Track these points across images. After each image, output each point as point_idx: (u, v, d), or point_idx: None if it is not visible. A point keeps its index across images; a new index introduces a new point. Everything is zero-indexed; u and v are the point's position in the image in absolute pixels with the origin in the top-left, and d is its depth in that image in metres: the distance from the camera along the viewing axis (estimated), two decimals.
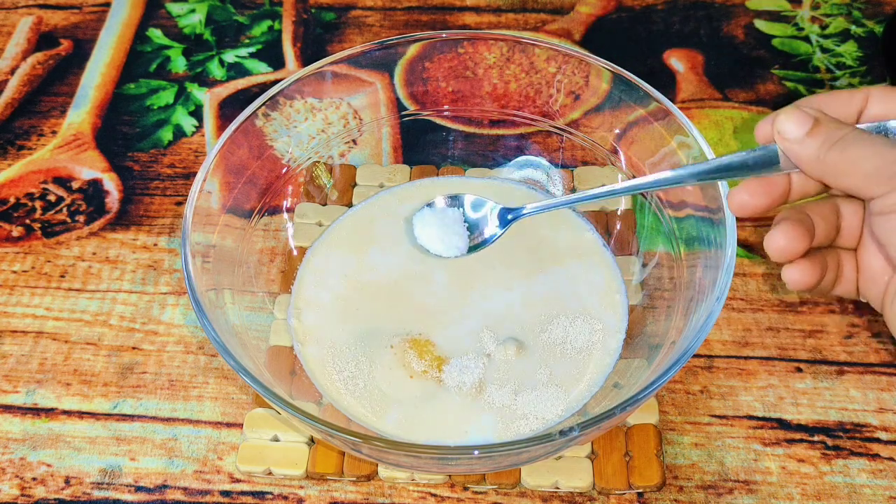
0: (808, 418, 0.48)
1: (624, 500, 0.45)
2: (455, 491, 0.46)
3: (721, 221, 0.44)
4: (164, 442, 0.48)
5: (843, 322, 0.52)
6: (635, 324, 0.49)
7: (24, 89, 0.67)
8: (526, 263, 0.52)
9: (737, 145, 0.61)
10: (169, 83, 0.67)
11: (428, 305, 0.50)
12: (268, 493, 0.46)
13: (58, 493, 0.47)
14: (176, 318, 0.53)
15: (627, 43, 0.69)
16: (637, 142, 0.52)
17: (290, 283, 0.52)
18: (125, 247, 0.57)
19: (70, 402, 0.50)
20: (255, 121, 0.50)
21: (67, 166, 0.62)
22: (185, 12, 0.73)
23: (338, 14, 0.72)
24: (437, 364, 0.47)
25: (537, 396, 0.46)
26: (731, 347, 0.51)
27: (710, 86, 0.65)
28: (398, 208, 0.55)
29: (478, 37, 0.56)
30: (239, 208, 0.50)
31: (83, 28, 0.72)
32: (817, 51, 0.67)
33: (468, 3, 0.72)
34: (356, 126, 0.56)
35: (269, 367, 0.47)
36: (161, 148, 0.63)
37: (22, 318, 0.54)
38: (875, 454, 0.47)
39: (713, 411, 0.49)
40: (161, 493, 0.46)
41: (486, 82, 0.56)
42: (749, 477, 0.46)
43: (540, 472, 0.45)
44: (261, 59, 0.69)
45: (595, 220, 0.54)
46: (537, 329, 0.49)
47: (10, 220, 0.59)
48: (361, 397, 0.47)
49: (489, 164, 0.57)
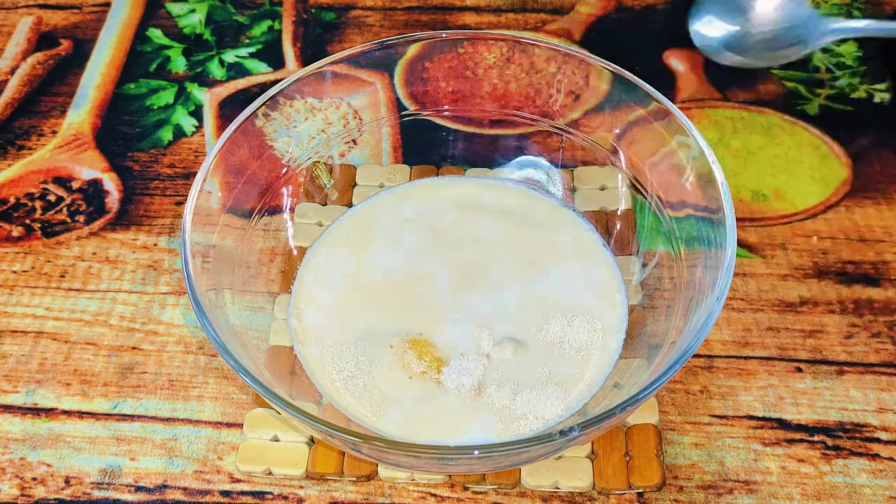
0: (808, 418, 0.48)
1: (624, 500, 0.45)
2: (455, 491, 0.46)
3: (721, 221, 0.44)
4: (164, 442, 0.48)
5: (843, 322, 0.52)
6: (635, 324, 0.49)
7: (24, 89, 0.67)
8: (526, 264, 0.52)
9: (737, 145, 0.61)
10: (169, 83, 0.67)
11: (428, 306, 0.50)
12: (268, 493, 0.46)
13: (58, 493, 0.47)
14: (176, 318, 0.53)
15: (627, 43, 0.69)
16: (637, 142, 0.52)
17: (290, 283, 0.52)
18: (125, 247, 0.57)
19: (70, 402, 0.50)
20: (255, 121, 0.50)
21: (67, 166, 0.62)
22: (185, 12, 0.73)
23: (338, 14, 0.72)
24: (436, 365, 0.47)
25: (537, 396, 0.46)
26: (731, 347, 0.51)
27: (710, 86, 0.65)
28: (398, 208, 0.55)
29: (478, 37, 0.56)
30: (239, 208, 0.50)
31: (83, 28, 0.72)
32: (817, 51, 0.67)
33: (468, 3, 0.72)
34: (356, 126, 0.57)
35: (269, 367, 0.47)
36: (161, 148, 0.63)
37: (22, 318, 0.54)
38: (875, 454, 0.47)
39: (713, 411, 0.49)
40: (161, 493, 0.46)
41: (486, 82, 0.56)
42: (749, 477, 0.46)
43: (540, 472, 0.45)
44: (261, 59, 0.69)
45: (595, 219, 0.54)
46: (536, 329, 0.49)
47: (10, 220, 0.59)
48: (361, 397, 0.47)
49: (489, 164, 0.57)
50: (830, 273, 0.54)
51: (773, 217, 0.57)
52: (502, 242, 0.53)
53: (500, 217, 0.54)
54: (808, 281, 0.54)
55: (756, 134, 0.62)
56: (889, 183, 0.59)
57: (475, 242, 0.53)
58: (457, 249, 0.52)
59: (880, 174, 0.59)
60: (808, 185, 0.59)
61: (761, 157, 0.60)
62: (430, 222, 0.54)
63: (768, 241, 0.56)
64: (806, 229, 0.56)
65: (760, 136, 0.62)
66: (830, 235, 0.56)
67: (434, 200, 0.55)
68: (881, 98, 0.64)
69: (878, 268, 0.54)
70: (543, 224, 0.53)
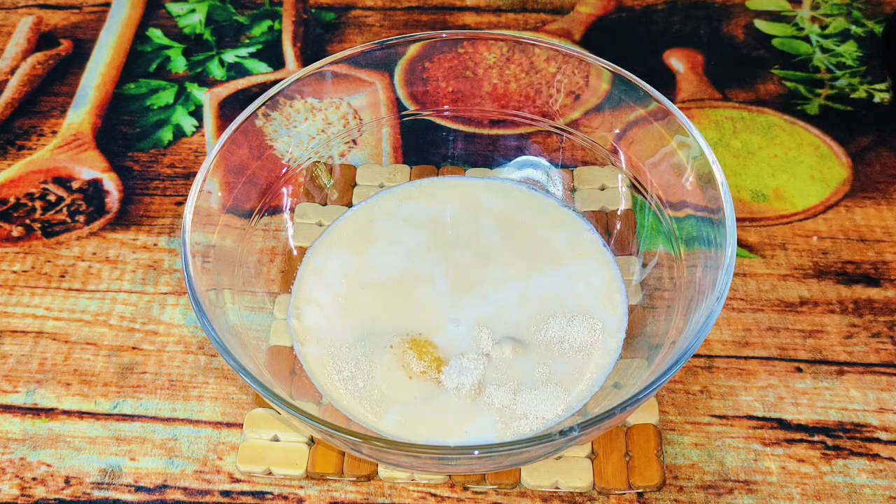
0: (808, 418, 0.48)
1: (624, 500, 0.45)
2: (455, 491, 0.46)
3: (721, 221, 0.44)
4: (164, 442, 0.48)
5: (843, 322, 0.52)
6: (635, 324, 0.49)
7: (24, 89, 0.67)
8: (526, 264, 0.52)
9: (737, 145, 0.61)
10: (169, 83, 0.67)
11: (428, 305, 0.50)
12: (268, 493, 0.46)
13: (58, 493, 0.47)
14: (176, 318, 0.53)
15: (627, 43, 0.69)
16: (637, 142, 0.52)
17: (290, 283, 0.52)
18: (125, 247, 0.57)
19: (70, 402, 0.50)
20: (255, 121, 0.50)
21: (67, 166, 0.62)
22: (185, 12, 0.73)
23: (338, 14, 0.72)
24: (436, 365, 0.47)
25: (537, 396, 0.46)
26: (731, 347, 0.51)
27: (710, 86, 0.65)
28: (398, 208, 0.55)
29: (478, 37, 0.56)
30: (239, 208, 0.50)
31: (83, 28, 0.72)
32: (817, 51, 0.67)
33: (468, 3, 0.72)
34: (356, 126, 0.57)
35: (269, 367, 0.47)
36: (161, 148, 0.63)
37: (22, 318, 0.54)
38: (875, 454, 0.47)
39: (713, 411, 0.49)
40: (161, 493, 0.46)
41: (486, 82, 0.56)
42: (749, 477, 0.46)
43: (540, 472, 0.45)
44: (261, 59, 0.69)
45: (595, 219, 0.54)
46: (535, 328, 0.49)
47: (10, 220, 0.59)
48: (361, 397, 0.47)
49: (489, 164, 0.57)
50: (830, 273, 0.54)
51: (773, 217, 0.57)
52: (502, 242, 0.53)
53: (500, 217, 0.54)
54: (808, 281, 0.54)
55: (756, 134, 0.62)
56: (889, 183, 0.59)
57: (475, 242, 0.53)
58: (457, 249, 0.52)
59: (880, 174, 0.59)
60: (808, 185, 0.59)
61: (761, 157, 0.60)
62: (430, 222, 0.54)
63: (768, 241, 0.56)
64: (806, 229, 0.56)
65: (760, 136, 0.62)
66: (830, 235, 0.56)
67: (434, 200, 0.55)
68: (881, 98, 0.64)
69: (878, 268, 0.54)
70: (543, 224, 0.54)
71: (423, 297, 0.50)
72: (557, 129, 0.55)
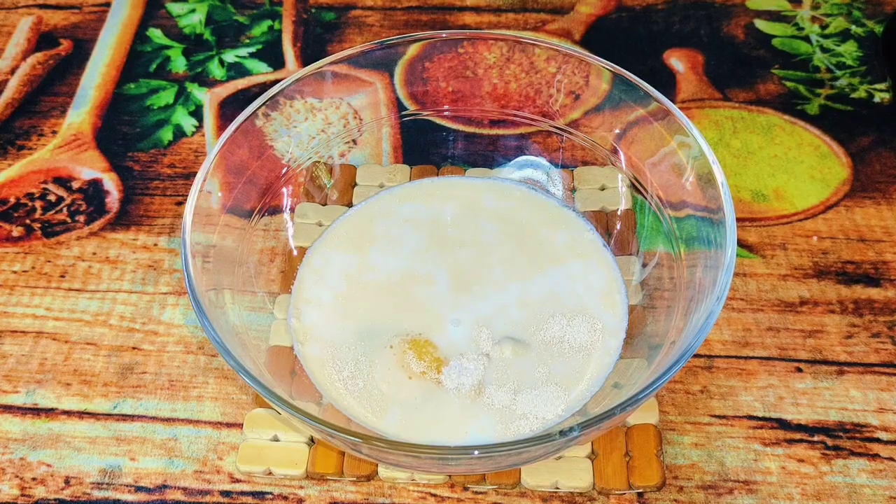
0: (808, 418, 0.48)
1: (624, 500, 0.45)
2: (455, 491, 0.46)
3: (721, 221, 0.44)
4: (164, 442, 0.48)
5: (843, 322, 0.52)
6: (635, 324, 0.49)
7: (24, 89, 0.67)
8: (526, 264, 0.52)
9: (737, 145, 0.61)
10: (169, 83, 0.67)
11: (428, 305, 0.50)
12: (268, 493, 0.46)
13: (58, 493, 0.47)
14: (176, 318, 0.53)
15: (627, 43, 0.69)
16: (637, 142, 0.52)
17: (290, 283, 0.52)
18: (125, 247, 0.57)
19: (70, 402, 0.50)
20: (255, 121, 0.50)
21: (67, 166, 0.62)
22: (185, 12, 0.73)
23: (338, 14, 0.72)
24: (436, 366, 0.47)
25: (537, 396, 0.46)
26: (731, 347, 0.51)
27: (710, 86, 0.65)
28: (398, 208, 0.55)
29: (478, 37, 0.56)
30: (239, 208, 0.50)
31: (83, 28, 0.72)
32: (817, 51, 0.67)
33: (468, 3, 0.72)
34: (356, 126, 0.57)
35: (269, 367, 0.47)
36: (161, 148, 0.63)
37: (22, 318, 0.54)
38: (875, 454, 0.47)
39: (713, 411, 0.49)
40: (161, 493, 0.46)
41: (486, 82, 0.56)
42: (749, 477, 0.46)
43: (540, 472, 0.45)
44: (261, 59, 0.69)
45: (595, 219, 0.54)
46: (535, 328, 0.49)
47: (10, 220, 0.59)
48: (361, 397, 0.47)
49: (489, 164, 0.57)
50: (830, 273, 0.54)
51: (773, 217, 0.57)
52: (502, 242, 0.53)
53: (499, 217, 0.54)
54: (808, 281, 0.54)
55: (756, 134, 0.62)
56: (889, 183, 0.59)
57: (475, 242, 0.53)
58: (457, 249, 0.52)
59: (880, 174, 0.59)
60: (808, 185, 0.59)
61: (761, 157, 0.60)
62: (430, 222, 0.54)
63: (768, 241, 0.56)
64: (806, 229, 0.56)
65: (760, 136, 0.62)
66: (830, 235, 0.56)
67: (434, 200, 0.55)
68: (881, 98, 0.64)
69: (878, 268, 0.54)
70: (543, 224, 0.54)
71: (423, 297, 0.50)
72: (557, 129, 0.55)
